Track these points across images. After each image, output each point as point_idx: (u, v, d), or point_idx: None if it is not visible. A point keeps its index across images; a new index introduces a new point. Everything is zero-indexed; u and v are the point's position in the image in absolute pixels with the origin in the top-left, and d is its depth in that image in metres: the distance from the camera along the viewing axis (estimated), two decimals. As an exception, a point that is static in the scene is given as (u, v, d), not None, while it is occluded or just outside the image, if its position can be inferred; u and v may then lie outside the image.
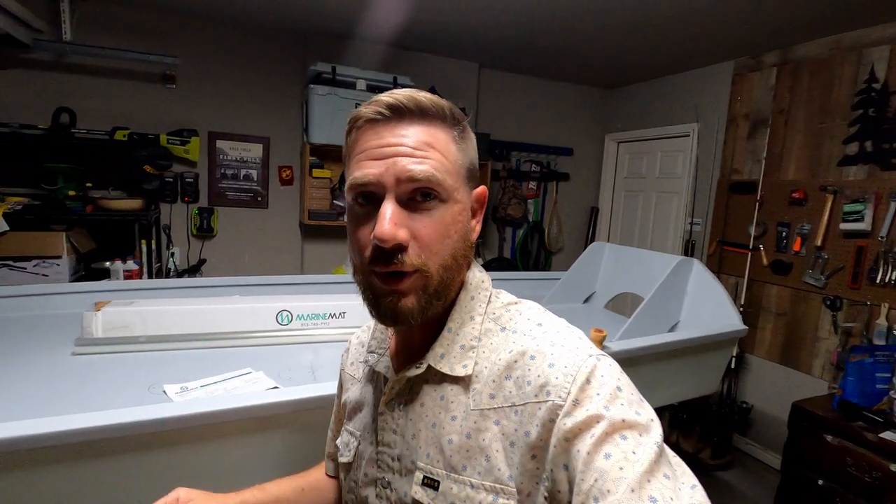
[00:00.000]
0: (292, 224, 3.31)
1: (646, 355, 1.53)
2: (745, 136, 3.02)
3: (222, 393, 1.15)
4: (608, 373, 0.47)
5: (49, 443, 0.79)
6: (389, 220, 0.49)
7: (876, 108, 2.37)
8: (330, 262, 3.25)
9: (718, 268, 3.10)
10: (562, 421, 0.45)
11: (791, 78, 2.77)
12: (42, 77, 2.66)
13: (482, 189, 0.60)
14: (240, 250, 3.19)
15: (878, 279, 2.32)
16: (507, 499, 0.48)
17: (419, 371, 0.56)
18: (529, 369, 0.50)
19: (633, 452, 0.42)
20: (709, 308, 1.91)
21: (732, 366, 2.85)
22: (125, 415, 0.85)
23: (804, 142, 2.69)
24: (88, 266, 2.54)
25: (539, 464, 0.47)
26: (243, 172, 3.14)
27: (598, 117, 4.17)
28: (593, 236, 4.17)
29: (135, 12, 2.78)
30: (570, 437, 0.44)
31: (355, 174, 0.52)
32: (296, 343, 1.55)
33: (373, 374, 0.66)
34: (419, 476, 0.54)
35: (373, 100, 0.54)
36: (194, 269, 3.04)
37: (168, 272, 2.94)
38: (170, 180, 2.92)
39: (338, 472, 0.73)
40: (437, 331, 0.57)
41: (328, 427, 0.82)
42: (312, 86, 2.81)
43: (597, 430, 0.43)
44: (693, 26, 2.59)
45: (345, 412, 0.72)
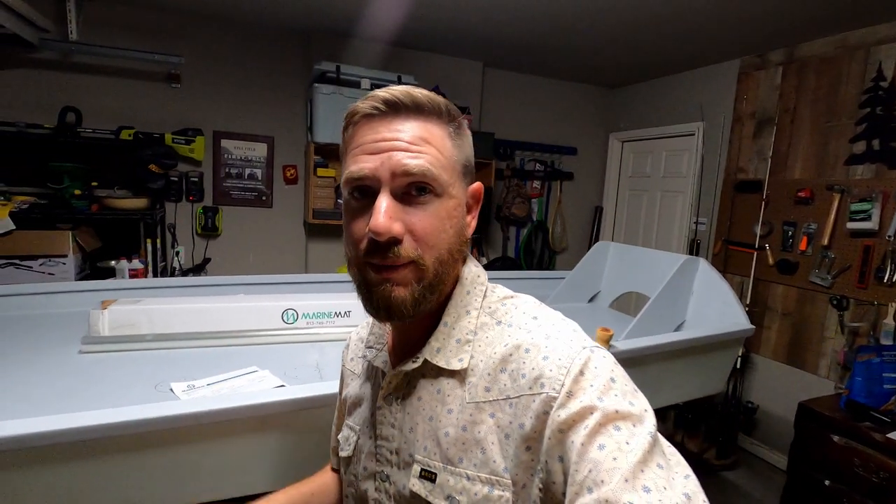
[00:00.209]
0: (297, 223, 3.31)
1: (652, 355, 1.52)
2: (750, 135, 3.01)
3: (229, 391, 1.15)
4: (602, 364, 0.48)
5: (58, 440, 0.80)
6: (384, 214, 0.49)
7: (884, 106, 2.36)
8: (334, 261, 3.26)
9: (724, 267, 3.09)
10: (556, 412, 0.45)
11: (797, 76, 2.76)
12: (48, 76, 2.67)
13: (478, 185, 0.60)
14: (244, 249, 3.20)
15: (885, 279, 2.30)
16: (503, 490, 0.48)
17: (416, 365, 0.56)
18: (524, 362, 0.50)
19: (627, 443, 0.42)
20: (715, 307, 1.90)
21: (738, 366, 2.84)
22: (134, 412, 0.85)
23: (810, 141, 2.68)
24: (94, 265, 2.56)
25: (534, 455, 0.47)
26: (248, 172, 3.15)
27: (603, 116, 4.16)
28: (597, 236, 4.16)
29: (140, 12, 2.79)
30: (565, 429, 0.44)
31: (351, 168, 0.53)
32: (301, 342, 1.56)
33: (371, 369, 0.66)
34: (417, 469, 0.54)
35: (369, 95, 0.54)
36: (199, 267, 3.05)
37: (173, 271, 2.95)
38: (175, 179, 2.94)
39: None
40: (434, 325, 0.57)
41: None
42: (317, 85, 2.81)
43: (590, 422, 0.43)
44: (698, 25, 2.58)
45: (345, 407, 0.72)
